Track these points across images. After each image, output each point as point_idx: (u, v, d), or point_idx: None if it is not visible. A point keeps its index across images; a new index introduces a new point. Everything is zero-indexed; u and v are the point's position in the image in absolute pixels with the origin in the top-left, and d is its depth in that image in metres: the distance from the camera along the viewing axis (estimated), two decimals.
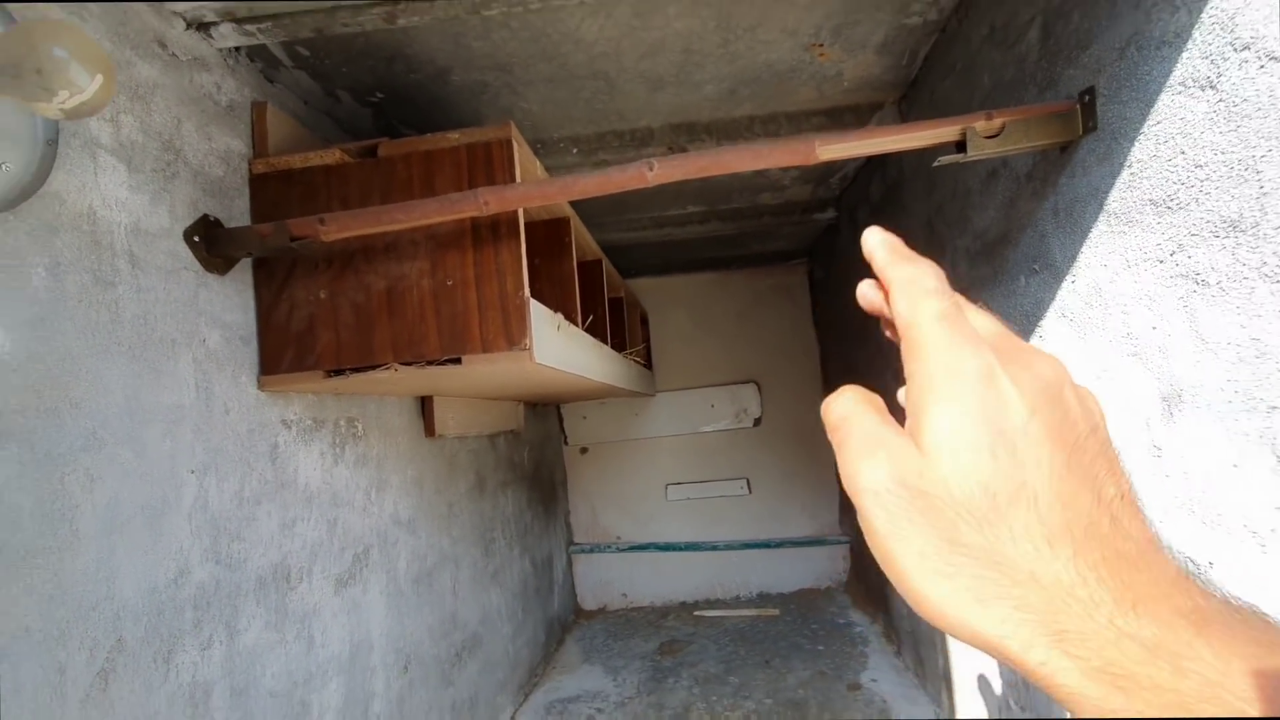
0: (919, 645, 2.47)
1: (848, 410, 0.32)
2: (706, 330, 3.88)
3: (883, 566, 0.30)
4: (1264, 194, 0.76)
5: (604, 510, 3.86)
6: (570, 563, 3.76)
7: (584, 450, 3.89)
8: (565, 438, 3.89)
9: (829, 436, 0.34)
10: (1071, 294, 1.18)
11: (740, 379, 3.84)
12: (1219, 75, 0.81)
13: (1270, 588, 0.81)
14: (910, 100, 1.88)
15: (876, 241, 0.36)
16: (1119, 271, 1.04)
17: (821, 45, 1.59)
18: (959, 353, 0.29)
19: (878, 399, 0.33)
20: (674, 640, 3.16)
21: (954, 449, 0.27)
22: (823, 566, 3.73)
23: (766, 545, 3.74)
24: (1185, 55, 0.85)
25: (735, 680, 2.64)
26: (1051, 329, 1.25)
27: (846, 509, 3.73)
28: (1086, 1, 1.05)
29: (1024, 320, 1.35)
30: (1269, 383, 0.79)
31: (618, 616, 3.63)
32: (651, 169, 1.15)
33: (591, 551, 3.80)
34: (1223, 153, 0.81)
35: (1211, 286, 0.86)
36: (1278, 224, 0.75)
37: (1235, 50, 0.78)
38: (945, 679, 2.18)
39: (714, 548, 3.75)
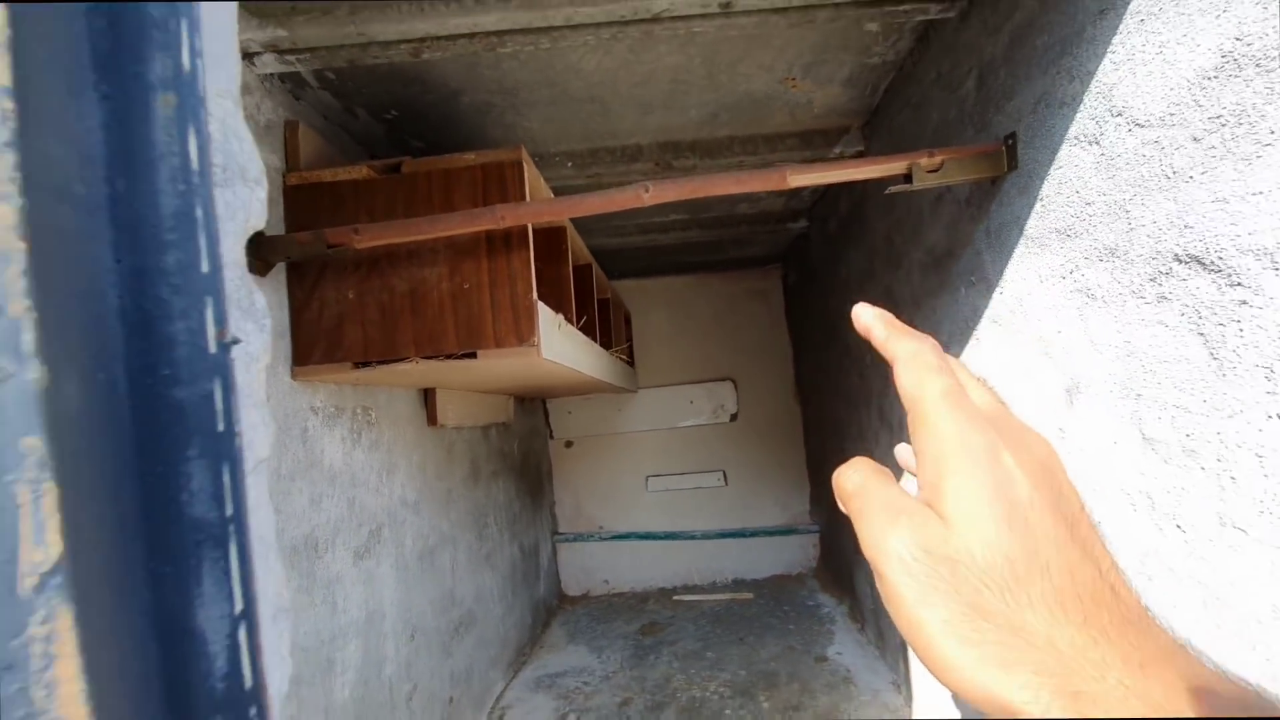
0: (880, 621, 2.69)
1: (863, 480, 0.33)
2: (686, 330, 4.08)
3: (907, 633, 0.30)
4: (1131, 229, 0.98)
5: (587, 501, 4.04)
6: (555, 551, 3.93)
7: (569, 444, 4.06)
8: (551, 432, 4.06)
9: (843, 505, 0.34)
10: (1000, 303, 1.40)
11: (718, 377, 4.06)
12: (1101, 134, 1.02)
13: (1138, 541, 1.03)
14: (873, 126, 2.09)
15: (871, 317, 0.38)
16: (1034, 286, 1.26)
17: (794, 79, 1.79)
18: (967, 430, 0.31)
19: (887, 470, 0.34)
20: (654, 622, 3.35)
21: (977, 519, 0.29)
22: (794, 554, 3.96)
23: (741, 534, 3.96)
24: (1078, 115, 1.07)
25: (712, 655, 2.84)
26: (985, 332, 1.47)
27: (817, 500, 3.96)
28: (1010, 62, 1.27)
29: (964, 325, 1.57)
30: (1136, 376, 1.00)
31: (600, 602, 3.81)
32: (647, 191, 1.33)
33: (575, 540, 3.98)
34: (1104, 195, 1.03)
35: (1098, 300, 1.07)
36: (1141, 253, 0.96)
37: (1112, 115, 1.00)
38: (903, 651, 2.40)
39: (692, 537, 3.96)
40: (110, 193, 0.26)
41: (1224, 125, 0.81)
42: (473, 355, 1.48)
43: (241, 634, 0.29)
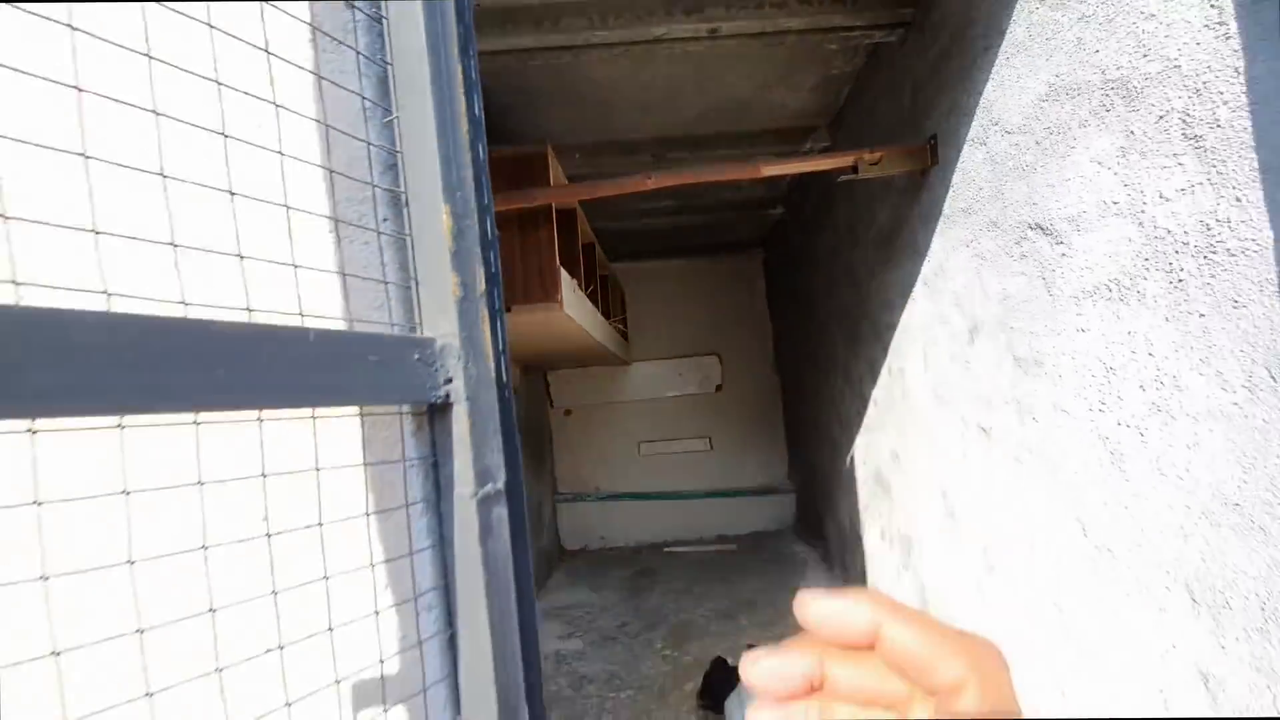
0: (845, 559, 3.09)
1: None
2: (676, 309, 4.44)
3: None
4: (1005, 207, 1.35)
5: (585, 464, 4.41)
6: (555, 510, 4.29)
7: (568, 412, 4.42)
8: (551, 401, 4.41)
9: None
10: (929, 268, 1.77)
11: (704, 351, 4.43)
12: (986, 137, 1.39)
13: (1014, 433, 1.40)
14: (837, 125, 2.46)
15: (851, 603, 0.23)
16: (949, 253, 1.63)
17: (771, 86, 2.15)
18: None
19: None
20: (647, 569, 3.73)
21: None
22: (773, 512, 4.35)
23: (725, 495, 4.34)
24: (974, 123, 1.44)
25: (698, 590, 3.22)
26: (919, 292, 1.84)
27: (794, 464, 4.35)
28: (933, 80, 1.63)
29: (905, 288, 1.94)
30: (1009, 314, 1.38)
31: (597, 555, 4.18)
32: (650, 178, 1.69)
33: (574, 500, 4.34)
34: (989, 182, 1.40)
35: (988, 261, 1.45)
36: (1010, 224, 1.34)
37: (993, 124, 1.37)
38: (862, 580, 2.80)
39: (680, 497, 4.34)
40: (452, 171, 0.62)
41: (1052, 134, 1.18)
42: (507, 309, 1.83)
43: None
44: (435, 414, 0.52)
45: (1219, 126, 0.83)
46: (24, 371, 0.29)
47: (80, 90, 0.35)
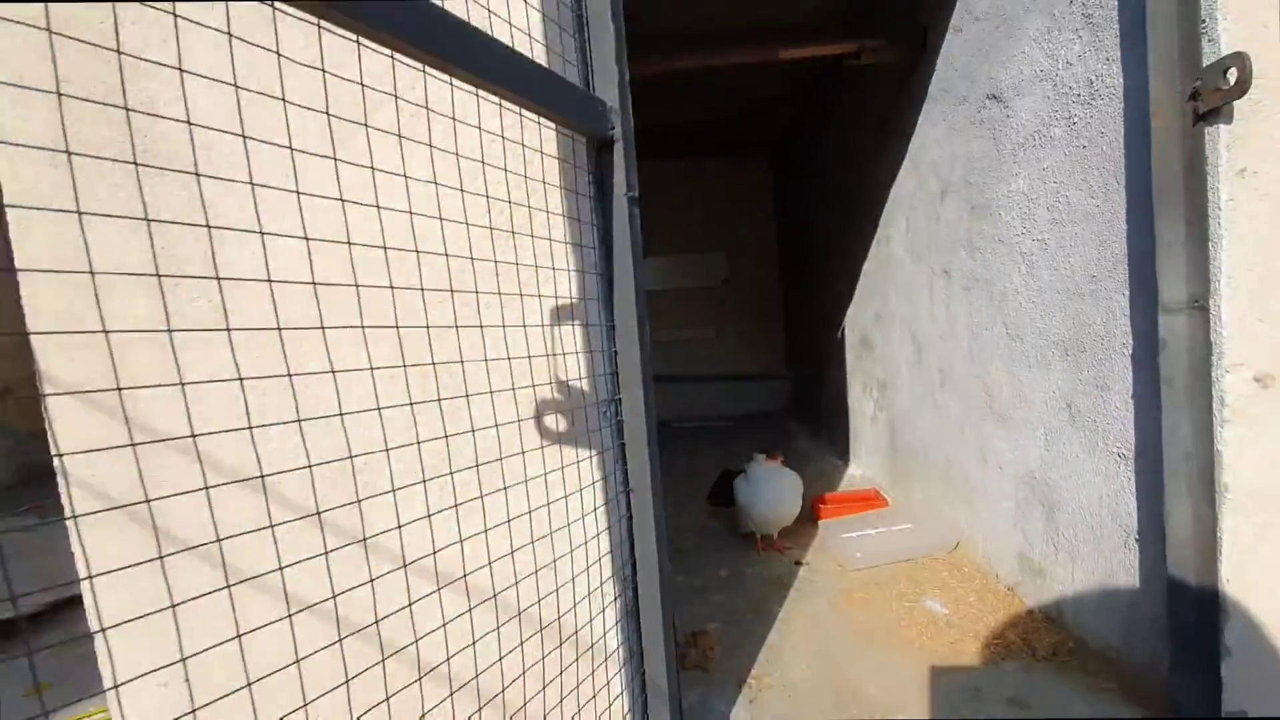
0: (834, 431, 3.58)
1: None
2: (688, 207, 4.78)
3: None
4: (972, 84, 1.71)
5: None
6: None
7: None
8: None
9: None
10: (913, 145, 2.14)
11: (713, 248, 4.80)
12: (962, 26, 1.74)
13: (964, 267, 1.82)
14: (852, 25, 2.75)
15: None
16: (929, 128, 2.00)
17: None
18: None
19: None
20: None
21: None
22: (770, 396, 4.85)
23: (729, 379, 4.83)
24: (954, 14, 1.78)
25: (704, 450, 3.73)
26: (904, 171, 2.22)
27: (791, 353, 4.81)
28: None
29: (892, 168, 2.31)
30: (970, 173, 1.76)
31: None
32: (682, 57, 2.03)
33: None
34: (963, 63, 1.76)
35: (957, 130, 1.82)
36: (974, 97, 1.70)
37: (968, 13, 1.71)
38: (845, 443, 3.29)
39: (687, 380, 4.82)
40: (616, 3, 0.99)
41: (1006, 20, 1.53)
42: None
43: None
44: (603, 148, 0.92)
45: (1102, 7, 1.20)
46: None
47: None
